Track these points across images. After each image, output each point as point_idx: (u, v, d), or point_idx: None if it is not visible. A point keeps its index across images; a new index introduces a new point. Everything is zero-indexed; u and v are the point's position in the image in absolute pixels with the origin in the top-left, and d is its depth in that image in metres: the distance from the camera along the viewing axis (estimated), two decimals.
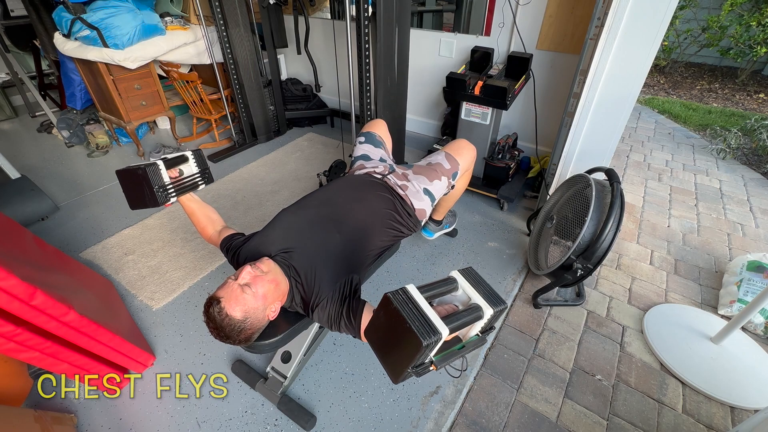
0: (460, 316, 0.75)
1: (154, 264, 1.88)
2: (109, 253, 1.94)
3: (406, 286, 0.77)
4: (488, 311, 0.76)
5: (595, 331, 1.56)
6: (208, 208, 1.36)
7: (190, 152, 1.33)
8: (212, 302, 0.94)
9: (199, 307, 1.64)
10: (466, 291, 0.81)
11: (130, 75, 2.55)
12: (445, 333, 0.68)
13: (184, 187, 1.29)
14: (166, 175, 1.21)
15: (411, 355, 0.69)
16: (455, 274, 0.83)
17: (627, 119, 1.69)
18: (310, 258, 1.10)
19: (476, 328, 0.79)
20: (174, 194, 1.25)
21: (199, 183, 1.35)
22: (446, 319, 0.72)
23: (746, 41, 3.92)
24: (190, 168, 1.33)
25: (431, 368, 0.75)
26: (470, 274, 0.82)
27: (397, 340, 0.72)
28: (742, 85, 4.39)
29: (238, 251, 1.18)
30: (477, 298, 0.78)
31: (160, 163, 1.20)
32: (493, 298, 0.78)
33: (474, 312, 0.76)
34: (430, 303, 0.76)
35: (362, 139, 1.60)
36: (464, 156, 1.56)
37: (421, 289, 0.77)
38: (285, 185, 2.50)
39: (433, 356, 0.74)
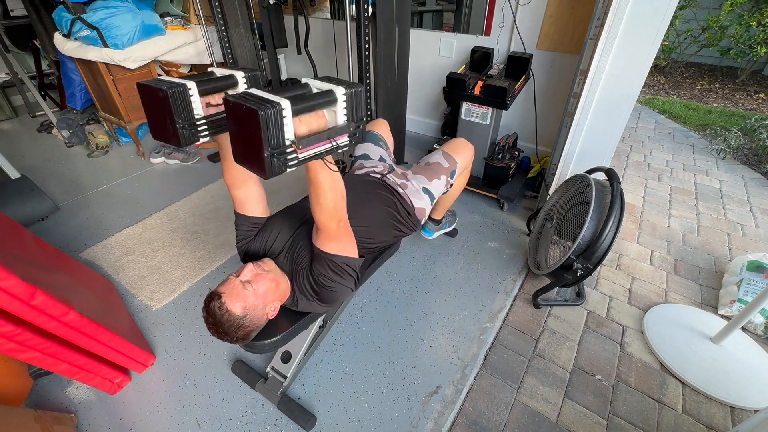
0: (307, 97, 0.75)
1: (154, 264, 1.88)
2: (109, 253, 1.94)
3: (248, 89, 0.77)
4: (339, 90, 0.77)
5: (595, 331, 1.56)
6: None
7: (243, 73, 0.97)
8: (213, 297, 0.95)
9: (199, 307, 1.64)
10: (317, 86, 0.81)
11: (130, 75, 2.55)
12: (284, 103, 0.68)
13: (224, 122, 0.95)
14: (199, 105, 0.88)
15: (258, 134, 0.67)
16: (306, 79, 0.83)
17: (627, 119, 1.69)
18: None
19: (340, 116, 0.80)
20: (206, 132, 0.92)
21: None
22: (290, 98, 0.71)
23: (746, 41, 3.92)
24: None
25: (295, 151, 0.73)
26: (326, 78, 0.83)
27: (245, 130, 0.70)
28: (742, 85, 4.39)
29: (248, 242, 1.19)
30: (327, 86, 0.79)
31: (192, 86, 0.86)
32: (344, 82, 0.79)
33: (325, 96, 0.77)
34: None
35: None
36: (462, 155, 1.56)
37: (270, 89, 0.76)
38: (285, 185, 2.50)
39: (294, 139, 0.73)
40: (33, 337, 1.06)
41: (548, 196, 1.87)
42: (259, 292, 0.98)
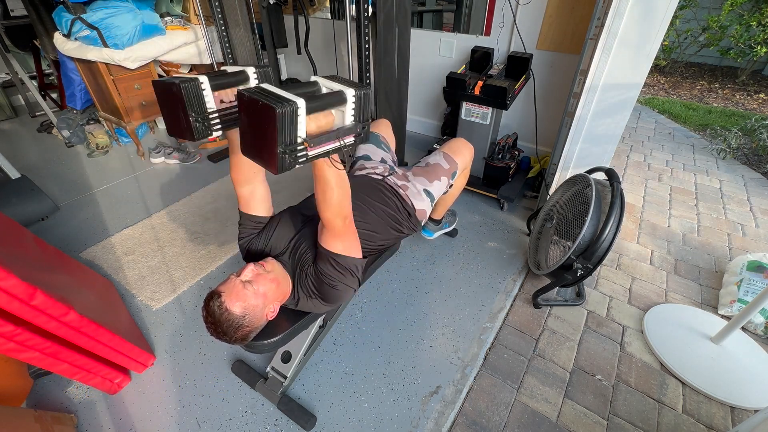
0: (320, 97, 0.78)
1: (154, 264, 1.87)
2: (109, 253, 1.94)
3: (261, 84, 0.80)
4: (350, 92, 0.80)
5: (595, 331, 1.56)
6: None
7: (254, 69, 1.00)
8: (213, 296, 0.95)
9: (199, 307, 1.64)
10: (327, 86, 0.83)
11: (130, 75, 2.55)
12: (300, 102, 0.70)
13: (235, 118, 0.97)
14: (211, 99, 0.90)
15: (273, 130, 0.69)
16: (315, 77, 0.85)
17: (627, 119, 1.69)
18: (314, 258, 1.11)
19: (348, 116, 0.83)
20: (219, 127, 0.94)
21: None
22: (304, 96, 0.74)
23: (746, 41, 3.92)
24: None
25: (306, 149, 0.76)
26: (334, 77, 0.85)
27: (259, 125, 0.72)
28: (742, 85, 4.39)
29: (251, 241, 1.19)
30: (338, 87, 0.82)
31: (204, 81, 0.88)
32: (353, 84, 0.82)
33: (336, 96, 0.80)
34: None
35: None
36: (462, 155, 1.56)
37: (280, 86, 0.78)
38: (285, 185, 2.49)
39: (305, 137, 0.75)
40: (33, 337, 1.06)
41: (548, 196, 1.87)
42: (260, 292, 0.98)
